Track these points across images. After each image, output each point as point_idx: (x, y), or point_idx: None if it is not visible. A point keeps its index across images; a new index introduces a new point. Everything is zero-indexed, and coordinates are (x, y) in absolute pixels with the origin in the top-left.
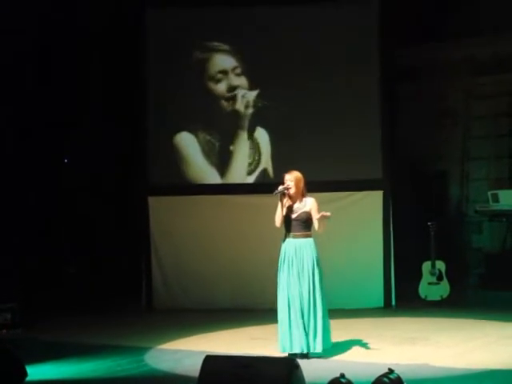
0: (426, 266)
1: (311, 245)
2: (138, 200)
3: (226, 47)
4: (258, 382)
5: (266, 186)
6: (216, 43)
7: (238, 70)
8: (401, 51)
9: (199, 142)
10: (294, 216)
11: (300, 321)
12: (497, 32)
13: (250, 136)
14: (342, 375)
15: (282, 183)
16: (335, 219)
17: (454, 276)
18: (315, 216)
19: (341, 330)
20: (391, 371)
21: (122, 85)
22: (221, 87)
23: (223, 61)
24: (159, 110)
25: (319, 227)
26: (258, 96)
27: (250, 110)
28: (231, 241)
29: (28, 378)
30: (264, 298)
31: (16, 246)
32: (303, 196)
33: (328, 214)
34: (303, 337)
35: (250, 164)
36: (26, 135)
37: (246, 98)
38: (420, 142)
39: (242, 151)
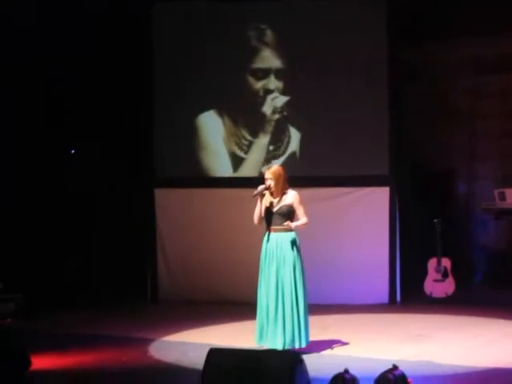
0: (432, 263)
1: (293, 239)
2: (144, 192)
3: (276, 42)
4: (262, 376)
5: None
6: (268, 38)
7: (281, 73)
8: (408, 50)
9: (221, 126)
10: (274, 210)
11: (280, 316)
12: (502, 30)
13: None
14: (346, 370)
15: (263, 181)
16: (341, 214)
17: (459, 273)
18: (297, 209)
19: (345, 326)
20: (395, 367)
21: (127, 69)
22: (258, 85)
23: (270, 59)
24: (168, 95)
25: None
26: (287, 103)
27: (277, 116)
28: (237, 234)
29: (32, 368)
30: None
31: (22, 236)
32: (284, 190)
33: (291, 225)
34: (286, 332)
35: (277, 148)
36: (31, 127)
37: (274, 102)
38: (427, 140)
39: (260, 146)
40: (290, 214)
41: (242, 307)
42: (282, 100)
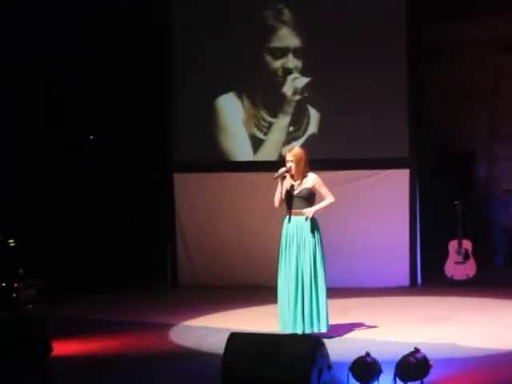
0: (453, 245)
1: (313, 223)
2: (162, 177)
3: (293, 21)
4: (283, 360)
5: None
6: (286, 15)
7: (299, 52)
8: (427, 30)
9: (240, 109)
10: (294, 193)
11: (300, 301)
12: None
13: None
14: (368, 354)
15: (283, 163)
16: (361, 197)
17: (480, 255)
18: (321, 191)
19: (366, 309)
20: (417, 350)
21: (143, 54)
22: (276, 64)
23: (287, 38)
24: (188, 75)
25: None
26: (307, 84)
27: (297, 97)
28: (257, 218)
29: (53, 354)
30: None
31: (43, 223)
32: (304, 173)
33: (309, 214)
34: (304, 316)
35: (297, 129)
36: (51, 113)
37: (294, 83)
38: (447, 121)
39: (276, 137)
40: (310, 197)
41: (262, 291)
42: (302, 81)
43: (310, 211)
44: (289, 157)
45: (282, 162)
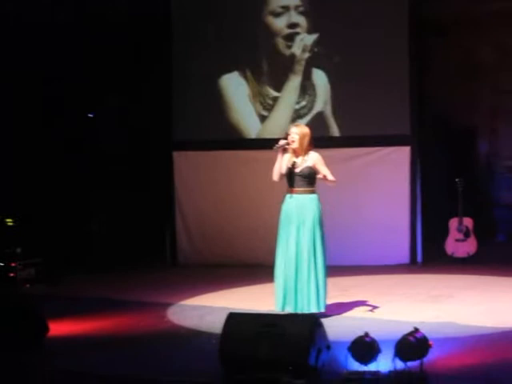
0: (453, 223)
1: (314, 201)
2: (161, 155)
3: None
4: (282, 340)
5: None
6: None
7: (301, 9)
8: (429, 4)
9: (246, 84)
10: (296, 171)
11: (299, 280)
12: None
13: (306, 77)
14: (367, 334)
15: (286, 137)
16: (362, 175)
17: (481, 233)
18: (322, 170)
19: (365, 287)
20: (416, 330)
21: (147, 33)
22: (280, 22)
23: None
24: (189, 53)
25: (329, 183)
26: (316, 41)
27: (306, 55)
28: (256, 197)
29: (50, 334)
30: None
31: (42, 202)
32: (307, 151)
33: (330, 179)
34: (302, 296)
35: (303, 107)
36: (52, 91)
37: (303, 41)
38: (448, 97)
39: (288, 99)
40: (311, 175)
41: (261, 270)
42: (311, 38)
43: (328, 177)
44: (294, 129)
45: (285, 139)
